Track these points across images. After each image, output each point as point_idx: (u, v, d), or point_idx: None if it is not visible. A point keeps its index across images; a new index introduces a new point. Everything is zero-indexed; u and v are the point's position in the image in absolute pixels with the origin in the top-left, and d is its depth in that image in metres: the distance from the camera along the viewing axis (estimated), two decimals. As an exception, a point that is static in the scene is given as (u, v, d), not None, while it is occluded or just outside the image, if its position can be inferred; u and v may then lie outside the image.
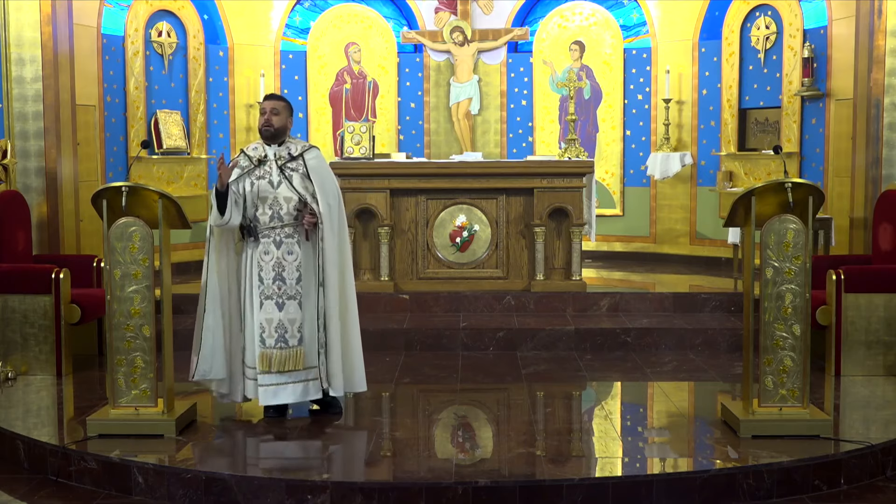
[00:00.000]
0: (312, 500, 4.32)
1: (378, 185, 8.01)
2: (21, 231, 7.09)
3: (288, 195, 5.25)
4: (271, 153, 5.32)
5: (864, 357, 6.40)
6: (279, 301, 5.28)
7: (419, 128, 10.52)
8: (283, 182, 5.26)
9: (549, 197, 7.99)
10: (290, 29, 10.33)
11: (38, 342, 6.51)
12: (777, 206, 4.96)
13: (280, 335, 5.27)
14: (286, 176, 5.27)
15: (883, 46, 7.46)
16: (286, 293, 5.28)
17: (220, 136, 9.91)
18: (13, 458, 5.03)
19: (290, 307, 5.28)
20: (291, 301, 5.28)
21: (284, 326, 5.27)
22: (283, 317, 5.27)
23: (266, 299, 5.28)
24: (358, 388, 5.45)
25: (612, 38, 10.28)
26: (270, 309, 5.28)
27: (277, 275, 5.27)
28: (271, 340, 5.26)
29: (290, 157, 5.31)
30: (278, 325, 5.27)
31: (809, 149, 8.98)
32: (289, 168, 5.29)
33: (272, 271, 5.28)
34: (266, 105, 5.33)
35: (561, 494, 4.31)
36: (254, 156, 5.33)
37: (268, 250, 5.28)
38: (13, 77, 7.50)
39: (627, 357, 6.99)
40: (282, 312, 5.27)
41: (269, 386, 5.25)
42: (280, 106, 5.33)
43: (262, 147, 5.35)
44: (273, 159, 5.31)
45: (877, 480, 4.72)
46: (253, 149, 5.38)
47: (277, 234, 5.27)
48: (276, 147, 5.33)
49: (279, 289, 5.28)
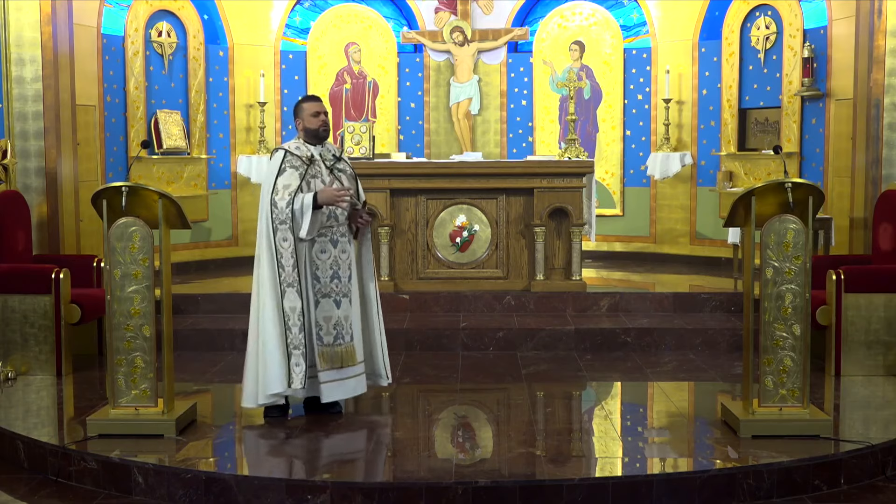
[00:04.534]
0: (312, 500, 4.32)
1: (378, 185, 8.01)
2: (21, 231, 7.10)
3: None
4: (317, 153, 5.39)
5: (864, 357, 6.40)
6: (336, 299, 5.36)
7: (419, 128, 10.52)
8: (334, 182, 5.35)
9: (549, 197, 7.99)
10: (290, 29, 10.33)
11: (38, 342, 6.51)
12: (777, 206, 4.96)
13: (338, 332, 5.35)
14: (336, 177, 5.37)
15: (883, 46, 7.46)
16: (342, 291, 5.37)
17: (220, 136, 9.91)
18: (13, 458, 5.03)
19: (345, 304, 5.38)
20: (345, 298, 5.38)
21: (341, 323, 5.36)
22: (341, 314, 5.36)
23: (323, 297, 5.34)
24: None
25: (612, 38, 10.28)
26: (328, 307, 5.34)
27: (335, 273, 5.35)
28: (329, 338, 5.33)
29: (334, 157, 5.44)
30: (336, 323, 5.35)
31: (809, 149, 8.98)
32: (337, 168, 5.41)
33: (329, 270, 5.34)
34: (320, 107, 5.42)
35: (561, 494, 4.32)
36: (300, 155, 5.36)
37: (325, 249, 5.34)
38: (13, 77, 7.50)
39: (627, 357, 6.99)
40: (339, 310, 5.36)
41: (332, 382, 5.34)
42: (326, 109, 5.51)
43: (305, 147, 5.39)
44: (320, 160, 5.38)
45: (877, 480, 4.72)
46: (296, 148, 5.39)
47: (334, 233, 5.35)
48: (320, 147, 5.41)
49: (336, 287, 5.35)
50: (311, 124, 5.38)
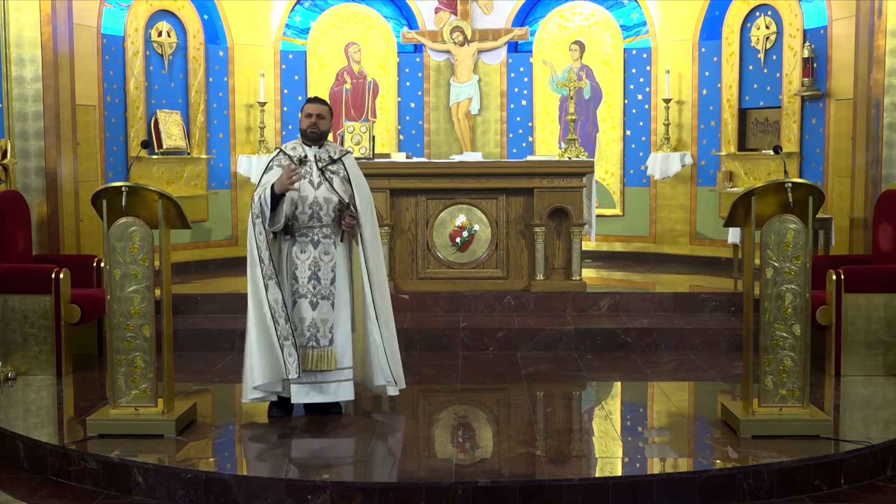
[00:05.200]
0: (312, 500, 4.32)
1: (378, 185, 7.99)
2: (21, 231, 7.10)
3: (328, 196, 5.30)
4: (311, 154, 5.38)
5: (864, 357, 6.40)
6: (313, 300, 5.33)
7: (419, 128, 10.52)
8: (323, 183, 5.32)
9: (549, 197, 7.99)
10: (290, 29, 10.33)
11: (38, 342, 6.51)
12: (777, 206, 4.96)
13: (312, 334, 5.31)
14: (327, 178, 5.33)
15: (883, 46, 7.45)
16: (320, 293, 5.33)
17: (220, 136, 9.91)
18: (13, 458, 5.03)
19: (324, 307, 5.33)
20: (325, 301, 5.33)
21: (317, 326, 5.32)
22: (316, 316, 5.32)
23: (300, 297, 5.32)
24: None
25: (612, 38, 10.27)
26: (304, 308, 5.32)
27: (313, 274, 5.32)
28: (303, 339, 5.30)
29: (330, 159, 5.39)
30: (311, 325, 5.31)
31: (809, 149, 8.98)
32: (329, 170, 5.36)
33: (308, 270, 5.32)
34: (312, 109, 5.39)
35: (561, 494, 4.31)
36: (293, 155, 5.37)
37: (304, 249, 5.32)
38: (13, 77, 7.50)
39: (627, 357, 6.99)
40: (315, 312, 5.32)
41: (303, 384, 5.30)
42: (325, 110, 5.41)
43: (302, 147, 5.40)
44: (314, 160, 5.36)
45: (877, 480, 4.72)
46: (292, 148, 5.42)
47: (315, 233, 5.33)
48: (316, 149, 5.39)
49: (314, 288, 5.32)
50: (301, 124, 5.43)
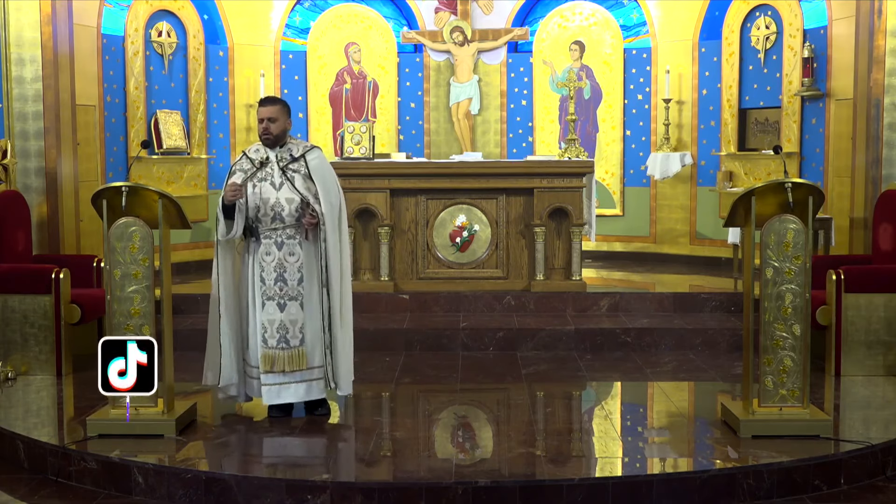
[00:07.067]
0: (312, 500, 4.32)
1: (378, 185, 8.01)
2: (21, 231, 7.09)
3: (290, 196, 5.26)
4: (273, 155, 5.35)
5: (864, 357, 6.40)
6: (280, 302, 5.29)
7: (419, 128, 10.52)
8: (285, 184, 5.28)
9: (549, 197, 7.99)
10: (290, 29, 10.32)
11: (38, 342, 6.51)
12: (777, 206, 4.96)
13: (282, 336, 5.29)
14: (288, 178, 5.29)
15: (883, 46, 7.45)
16: (287, 294, 5.30)
17: (220, 136, 9.91)
18: (13, 458, 5.03)
19: (292, 308, 5.30)
20: (293, 302, 5.30)
21: (286, 327, 5.29)
22: (285, 317, 5.29)
23: (268, 300, 5.30)
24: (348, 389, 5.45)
25: (612, 38, 10.27)
26: (272, 310, 5.29)
27: (279, 276, 5.29)
28: (273, 341, 5.28)
29: (291, 158, 5.34)
30: (280, 326, 5.29)
31: (809, 149, 8.98)
32: (290, 169, 5.31)
33: (274, 272, 5.29)
34: (263, 113, 5.30)
35: (561, 494, 4.31)
36: (255, 158, 5.36)
37: (269, 251, 5.30)
38: (13, 77, 7.49)
39: (627, 357, 6.99)
40: (283, 313, 5.29)
41: (273, 385, 5.29)
42: (276, 111, 5.30)
43: (264, 149, 5.38)
44: (275, 161, 5.33)
45: (877, 480, 4.72)
46: (255, 150, 5.41)
47: (279, 235, 5.29)
48: (277, 149, 5.35)
49: (280, 290, 5.29)
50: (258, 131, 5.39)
